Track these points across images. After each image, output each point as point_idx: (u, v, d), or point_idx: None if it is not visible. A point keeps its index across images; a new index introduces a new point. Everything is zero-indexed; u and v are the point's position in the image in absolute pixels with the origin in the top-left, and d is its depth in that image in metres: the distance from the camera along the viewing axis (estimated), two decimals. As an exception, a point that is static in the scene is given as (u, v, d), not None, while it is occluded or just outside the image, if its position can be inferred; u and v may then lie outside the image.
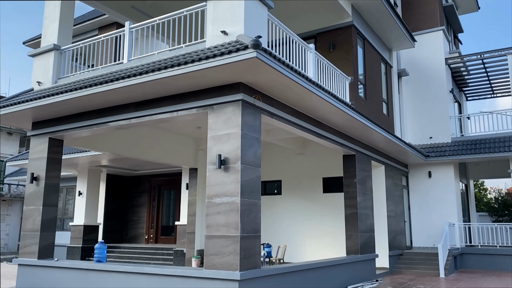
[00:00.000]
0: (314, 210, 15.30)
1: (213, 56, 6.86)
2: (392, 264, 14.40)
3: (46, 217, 10.04)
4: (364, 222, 12.21)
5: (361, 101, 13.19)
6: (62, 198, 21.17)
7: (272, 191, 16.43)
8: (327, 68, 10.33)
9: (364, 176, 12.65)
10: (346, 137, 11.79)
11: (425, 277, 13.15)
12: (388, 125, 15.56)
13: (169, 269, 7.88)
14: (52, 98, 8.97)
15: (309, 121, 9.92)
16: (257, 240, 7.57)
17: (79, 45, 10.11)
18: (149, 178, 20.41)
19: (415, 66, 18.34)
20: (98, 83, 8.23)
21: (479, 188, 31.26)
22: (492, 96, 22.93)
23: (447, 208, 16.57)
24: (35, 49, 10.89)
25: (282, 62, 7.18)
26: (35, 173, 10.29)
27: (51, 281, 9.34)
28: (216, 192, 7.46)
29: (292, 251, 15.04)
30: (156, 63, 8.03)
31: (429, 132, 17.75)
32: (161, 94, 8.41)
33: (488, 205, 26.95)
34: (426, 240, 16.76)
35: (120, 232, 20.38)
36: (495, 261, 15.33)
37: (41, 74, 10.54)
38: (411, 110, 18.18)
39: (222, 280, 7.11)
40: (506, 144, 15.74)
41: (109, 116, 9.29)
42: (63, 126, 10.09)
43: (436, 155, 16.63)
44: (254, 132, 7.80)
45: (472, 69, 19.36)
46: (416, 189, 17.30)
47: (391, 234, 14.49)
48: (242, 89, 7.59)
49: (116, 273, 8.44)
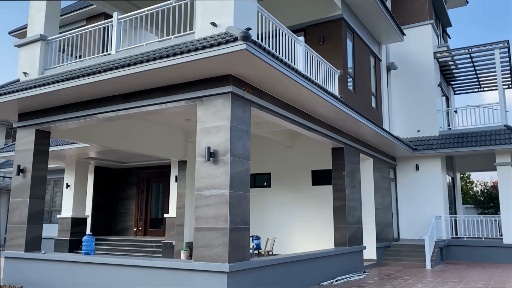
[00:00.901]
0: (303, 202, 15.39)
1: (202, 47, 6.81)
2: (380, 256, 14.57)
3: (33, 210, 9.95)
4: (352, 215, 12.31)
5: (350, 94, 13.24)
6: (50, 191, 20.97)
7: (262, 184, 16.47)
8: (316, 61, 10.34)
9: (353, 169, 12.73)
10: (335, 130, 11.84)
11: (412, 269, 13.33)
12: (376, 118, 15.66)
13: (158, 261, 7.88)
14: (38, 89, 8.85)
15: (299, 114, 9.94)
16: (246, 232, 7.59)
17: (66, 36, 9.97)
18: (137, 170, 20.31)
19: (404, 60, 18.44)
20: (86, 74, 8.13)
21: (466, 181, 31.68)
22: (479, 90, 23.17)
23: (434, 201, 16.78)
24: (21, 39, 10.71)
25: (272, 54, 7.16)
26: (21, 165, 10.17)
27: (39, 274, 9.28)
28: (205, 184, 7.45)
29: (281, 243, 15.13)
30: (144, 54, 7.95)
31: (417, 126, 17.90)
32: (149, 86, 8.35)
33: (474, 198, 27.35)
34: (413, 232, 16.96)
35: (108, 224, 20.29)
36: (480, 253, 15.61)
37: (28, 65, 10.38)
38: (399, 103, 18.31)
39: (211, 272, 7.13)
40: (492, 137, 15.95)
41: (97, 108, 9.21)
42: (50, 118, 9.97)
43: (424, 148, 16.79)
44: (243, 124, 7.79)
45: (460, 63, 19.52)
46: (403, 181, 17.48)
47: (378, 226, 14.64)
48: (232, 82, 7.57)
49: (105, 266, 8.41)
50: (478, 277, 11.41)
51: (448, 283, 10.41)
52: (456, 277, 11.39)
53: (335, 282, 10.42)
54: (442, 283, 10.33)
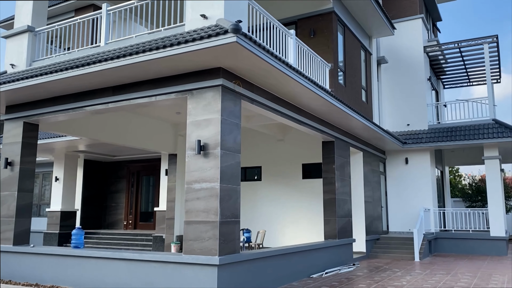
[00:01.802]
0: (294, 195, 15.44)
1: (192, 40, 6.77)
2: (369, 248, 14.70)
3: (22, 203, 9.86)
4: (342, 208, 12.39)
5: (341, 88, 13.27)
6: (38, 184, 20.78)
7: (252, 177, 16.48)
8: (307, 55, 10.33)
9: (343, 162, 12.79)
10: (325, 123, 11.87)
11: (401, 261, 13.47)
12: (366, 112, 15.72)
13: (148, 254, 7.86)
14: (26, 81, 8.74)
15: (289, 107, 9.94)
16: (236, 225, 7.60)
17: (55, 27, 9.83)
18: (127, 164, 20.20)
19: (394, 54, 18.51)
20: (74, 67, 8.04)
21: (454, 175, 32.01)
22: (469, 84, 23.36)
23: (423, 194, 16.94)
24: (8, 31, 10.55)
25: (263, 47, 7.13)
26: (9, 158, 10.05)
27: (27, 268, 9.21)
28: (195, 177, 7.43)
29: (271, 236, 15.19)
30: (134, 46, 7.88)
31: (407, 119, 18.02)
32: (139, 79, 8.28)
33: (462, 191, 27.65)
34: (402, 225, 17.13)
35: (98, 218, 20.18)
36: (468, 245, 15.83)
37: (15, 57, 10.23)
38: (389, 97, 18.40)
39: (201, 265, 7.13)
40: (481, 131, 16.11)
41: (85, 100, 9.12)
42: (38, 110, 9.86)
43: (413, 142, 16.92)
44: (234, 117, 7.77)
45: (450, 57, 19.65)
46: (393, 175, 17.61)
47: (368, 219, 14.76)
48: (222, 74, 7.54)
49: (94, 259, 8.38)
50: (465, 269, 11.57)
51: (436, 275, 10.54)
52: (444, 269, 11.54)
53: (325, 274, 10.50)
54: (430, 275, 10.46)
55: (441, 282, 9.42)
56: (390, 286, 8.90)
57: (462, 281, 9.64)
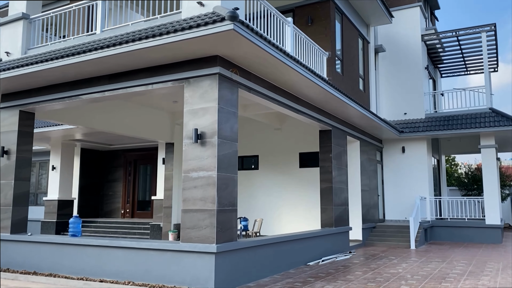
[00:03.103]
0: (290, 184, 15.49)
1: (189, 27, 6.71)
2: (365, 236, 14.80)
3: (18, 192, 9.85)
4: (338, 196, 12.44)
5: (338, 76, 13.23)
6: (35, 173, 20.75)
7: (249, 166, 16.50)
8: (305, 43, 10.28)
9: (340, 151, 12.81)
10: (322, 112, 11.86)
11: (397, 249, 13.58)
12: (364, 100, 15.71)
13: (145, 242, 7.89)
14: (21, 69, 8.67)
15: (287, 96, 9.91)
16: (233, 213, 7.63)
17: (50, 15, 9.73)
18: (124, 152, 20.17)
19: (392, 42, 18.44)
20: (70, 54, 7.97)
21: (451, 163, 32.14)
22: (466, 73, 23.34)
23: (419, 183, 17.02)
24: (2, 18, 10.43)
25: (260, 35, 7.09)
26: (5, 146, 10.01)
27: (25, 256, 9.24)
28: (192, 166, 7.43)
29: (269, 224, 15.27)
30: (130, 34, 7.81)
31: (404, 108, 18.02)
32: (135, 67, 8.23)
33: (459, 180, 27.78)
34: (398, 213, 17.23)
35: (95, 207, 20.21)
36: (463, 233, 15.96)
37: (10, 44, 10.14)
38: (386, 86, 18.37)
39: (198, 253, 7.17)
40: (478, 120, 16.14)
41: (81, 89, 9.06)
42: (34, 99, 9.79)
43: (410, 131, 16.94)
44: (231, 106, 7.75)
45: (447, 46, 19.60)
46: (389, 164, 17.67)
47: (364, 207, 14.84)
48: (219, 63, 7.49)
49: (92, 247, 8.40)
50: (460, 257, 11.68)
51: (432, 262, 10.64)
52: (440, 257, 11.65)
53: (322, 262, 10.58)
54: (426, 263, 10.56)
55: (437, 270, 9.52)
56: (386, 274, 8.99)
57: (458, 268, 9.74)
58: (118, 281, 7.77)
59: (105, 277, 8.06)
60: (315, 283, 7.95)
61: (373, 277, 8.58)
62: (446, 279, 8.39)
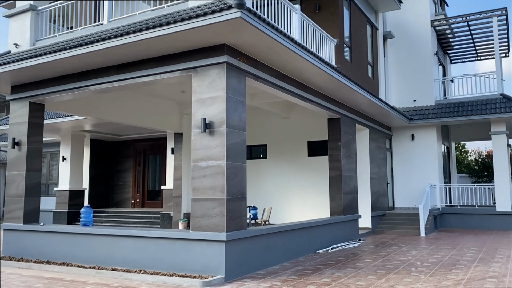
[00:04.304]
0: (299, 173, 15.49)
1: (196, 16, 6.68)
2: (375, 224, 14.80)
3: (30, 182, 9.96)
4: (347, 184, 12.42)
5: (347, 63, 13.12)
6: (46, 164, 20.97)
7: (258, 155, 16.52)
8: (313, 30, 10.19)
9: (349, 139, 12.76)
10: (331, 100, 11.79)
11: (406, 236, 13.57)
12: (373, 88, 15.59)
13: (156, 231, 7.97)
14: (30, 60, 8.71)
15: (295, 84, 9.86)
16: (242, 202, 7.66)
17: (57, 6, 9.74)
18: (133, 143, 20.29)
19: (401, 29, 18.21)
20: (78, 45, 7.99)
21: (460, 151, 31.90)
22: (476, 58, 23.02)
23: (429, 170, 16.93)
24: (10, 10, 10.47)
25: (267, 23, 7.04)
26: (16, 138, 10.11)
27: (38, 245, 9.38)
28: (201, 155, 7.46)
29: (278, 213, 15.32)
30: (137, 24, 7.80)
31: (413, 95, 17.86)
32: (143, 57, 8.23)
33: (469, 167, 27.61)
34: (407, 201, 17.19)
35: (105, 197, 20.41)
36: (473, 220, 15.89)
37: (18, 36, 10.18)
38: (396, 73, 18.20)
39: (208, 241, 7.22)
40: (488, 106, 15.95)
41: (90, 80, 9.09)
42: (43, 90, 9.85)
43: (420, 118, 16.81)
44: (239, 95, 7.74)
45: (457, 31, 19.30)
46: (399, 151, 17.57)
47: (374, 195, 14.81)
48: (227, 51, 7.46)
49: (103, 237, 8.51)
50: (471, 244, 11.64)
51: (442, 249, 10.62)
52: (449, 244, 11.62)
53: (331, 250, 10.61)
54: (436, 250, 10.55)
55: (447, 257, 9.50)
56: (396, 261, 8.99)
57: (468, 255, 9.72)
58: (129, 269, 7.87)
59: (116, 265, 8.17)
60: (324, 271, 7.99)
61: (383, 264, 8.59)
62: (456, 266, 8.38)
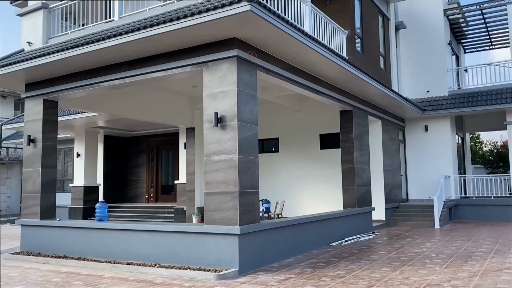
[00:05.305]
0: (312, 166, 15.46)
1: (206, 10, 6.68)
2: (388, 216, 14.72)
3: (46, 179, 10.11)
4: (360, 177, 12.36)
5: (358, 55, 13.01)
6: (61, 160, 21.26)
7: (270, 149, 16.52)
8: (323, 22, 10.11)
9: (361, 131, 12.68)
10: (343, 92, 11.71)
11: (421, 228, 13.48)
12: (385, 79, 15.44)
13: (170, 225, 8.04)
14: (43, 58, 8.80)
15: (306, 77, 9.81)
16: (255, 195, 7.68)
17: (68, 3, 9.83)
18: (146, 138, 20.43)
19: (413, 19, 17.97)
20: (90, 42, 8.05)
21: (475, 141, 31.49)
22: (491, 47, 22.63)
23: (443, 161, 16.75)
24: (22, 8, 10.58)
25: (277, 15, 7.00)
26: (31, 135, 10.25)
27: (55, 240, 9.54)
28: (214, 150, 7.48)
29: (290, 206, 15.32)
30: (148, 19, 7.83)
31: (426, 86, 17.65)
32: (154, 52, 8.26)
33: (483, 158, 27.25)
34: (421, 193, 17.05)
35: (120, 192, 20.63)
36: (489, 212, 15.69)
37: (31, 34, 10.30)
38: (408, 63, 17.99)
39: (222, 234, 7.26)
40: (503, 96, 15.70)
41: (102, 76, 9.16)
42: (56, 87, 9.96)
43: (433, 109, 16.62)
44: (250, 89, 7.73)
45: (471, 20, 18.99)
46: (412, 143, 17.41)
47: (387, 187, 14.72)
48: (237, 45, 7.45)
49: (118, 231, 8.61)
50: (486, 235, 11.51)
51: (457, 241, 10.53)
52: (465, 236, 11.51)
53: (345, 242, 10.59)
54: (451, 241, 10.46)
55: (462, 248, 9.42)
56: (410, 253, 8.95)
57: (484, 246, 9.62)
58: (144, 263, 7.96)
59: (132, 259, 8.27)
60: (338, 263, 7.98)
61: (397, 257, 8.55)
62: (472, 258, 8.30)
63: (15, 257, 9.45)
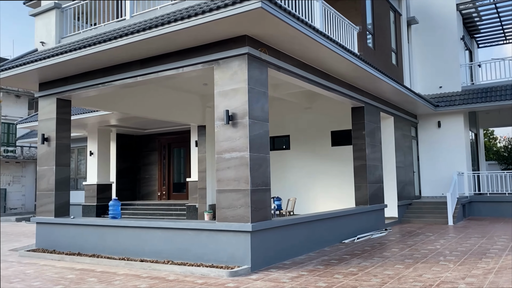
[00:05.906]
0: (323, 163, 15.41)
1: (216, 8, 6.69)
2: (401, 213, 14.62)
3: (60, 177, 10.24)
4: (373, 174, 12.29)
5: (370, 51, 12.92)
6: (74, 159, 21.50)
7: (281, 146, 16.50)
8: (334, 18, 10.06)
9: (373, 128, 12.60)
10: (354, 89, 11.65)
11: (434, 225, 13.36)
12: (397, 75, 15.31)
13: (183, 222, 8.09)
14: (56, 58, 8.90)
15: (317, 73, 9.78)
16: (267, 193, 7.68)
17: (80, 3, 9.92)
18: (158, 136, 20.56)
19: (425, 14, 17.78)
20: (102, 41, 8.12)
21: (489, 137, 31.08)
22: (505, 42, 22.29)
23: (456, 158, 16.58)
24: (35, 9, 10.71)
25: (288, 12, 6.98)
26: (45, 134, 10.39)
27: (69, 237, 9.66)
28: (225, 147, 7.50)
29: (302, 203, 15.30)
30: (159, 18, 7.87)
31: (439, 81, 17.46)
32: (165, 51, 8.30)
33: (498, 154, 26.88)
34: (434, 189, 16.89)
35: (132, 190, 20.80)
36: (503, 208, 15.49)
37: (44, 34, 10.42)
38: (420, 59, 17.81)
39: (234, 231, 7.29)
40: (518, 91, 15.47)
41: (114, 75, 9.23)
42: (69, 86, 10.07)
43: (446, 105, 16.44)
44: (261, 86, 7.73)
45: (484, 14, 18.71)
46: (425, 139, 17.26)
47: (400, 184, 14.62)
48: (248, 42, 7.45)
49: (131, 228, 8.69)
50: (501, 232, 11.37)
51: (471, 238, 10.42)
52: (479, 233, 11.38)
53: (357, 239, 10.55)
54: (465, 239, 10.36)
55: (477, 245, 9.32)
56: (423, 250, 8.88)
57: (498, 244, 9.51)
58: (158, 260, 8.02)
59: (145, 256, 8.34)
60: (351, 260, 7.96)
61: (410, 254, 8.50)
62: (486, 255, 8.21)
63: (30, 254, 9.60)
